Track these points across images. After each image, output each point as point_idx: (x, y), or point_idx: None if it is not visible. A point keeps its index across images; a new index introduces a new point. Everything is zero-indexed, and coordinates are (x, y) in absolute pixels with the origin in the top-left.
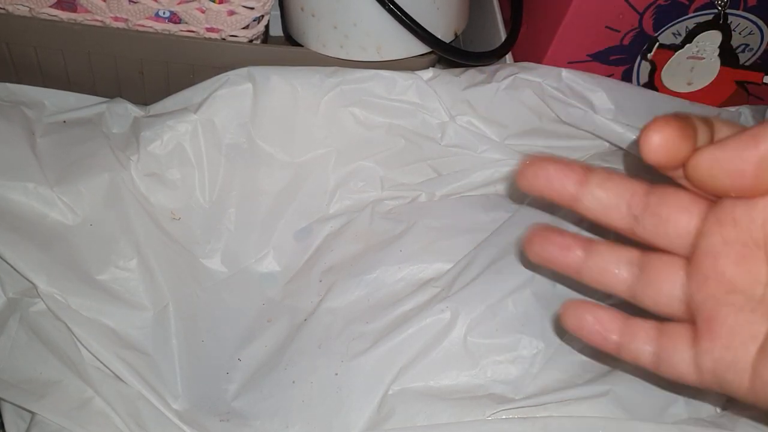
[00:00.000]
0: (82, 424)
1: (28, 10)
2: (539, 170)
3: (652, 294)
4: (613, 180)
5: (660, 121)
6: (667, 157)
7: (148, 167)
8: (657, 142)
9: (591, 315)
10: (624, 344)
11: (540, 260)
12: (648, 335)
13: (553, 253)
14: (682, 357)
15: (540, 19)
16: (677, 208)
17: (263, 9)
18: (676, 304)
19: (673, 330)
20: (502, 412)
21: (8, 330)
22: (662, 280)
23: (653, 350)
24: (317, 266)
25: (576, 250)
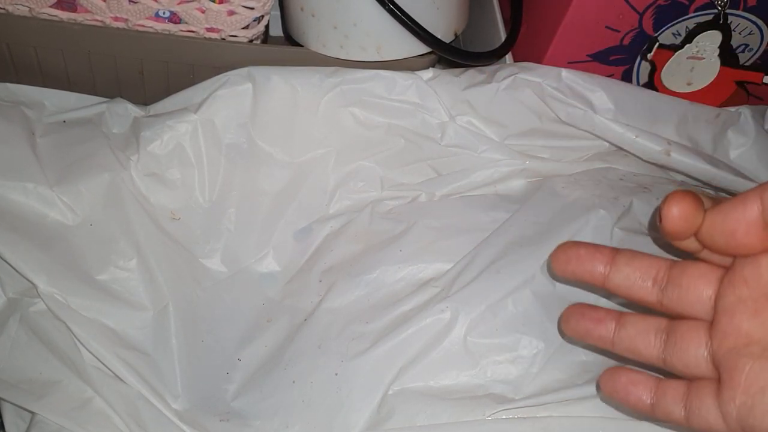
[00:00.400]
0: (82, 424)
1: (28, 10)
2: (571, 255)
3: (681, 357)
4: (639, 258)
5: (677, 195)
6: (685, 225)
7: (148, 167)
8: (675, 213)
9: (625, 378)
10: (656, 404)
11: (576, 335)
12: (678, 393)
13: (588, 327)
14: (710, 410)
15: (540, 19)
16: (696, 277)
17: (263, 9)
18: (703, 365)
19: (700, 386)
20: (502, 412)
21: (8, 330)
22: (688, 343)
23: (683, 407)
24: (317, 266)
25: (609, 323)
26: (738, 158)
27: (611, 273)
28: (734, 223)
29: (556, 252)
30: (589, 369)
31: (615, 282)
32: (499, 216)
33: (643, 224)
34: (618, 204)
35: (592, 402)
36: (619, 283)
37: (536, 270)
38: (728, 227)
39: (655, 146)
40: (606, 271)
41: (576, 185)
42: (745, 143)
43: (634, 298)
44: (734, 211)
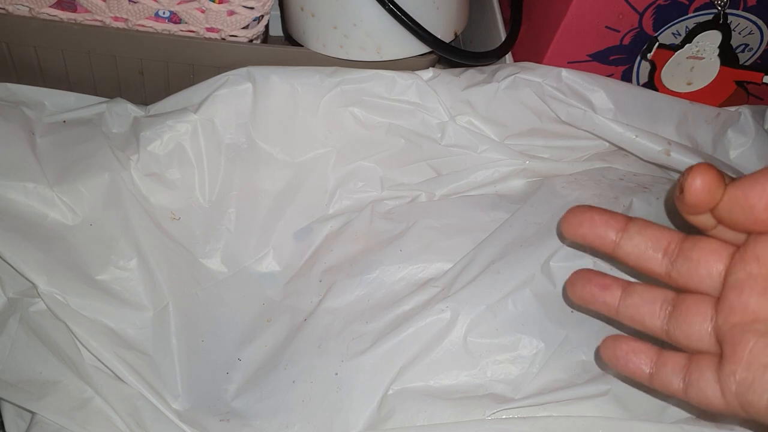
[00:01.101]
0: (82, 424)
1: (28, 10)
2: (584, 218)
3: (685, 329)
4: (652, 228)
5: (701, 167)
6: (706, 197)
7: (148, 167)
8: (698, 184)
9: (626, 346)
10: (656, 374)
11: (581, 300)
12: (678, 364)
13: (594, 293)
14: (708, 383)
15: (540, 19)
16: (707, 252)
17: (263, 9)
18: (706, 339)
19: (701, 359)
20: (502, 411)
21: (8, 330)
22: (694, 316)
23: (682, 378)
24: (317, 266)
25: (615, 290)
26: (738, 158)
27: (622, 240)
28: (754, 198)
29: (568, 214)
30: (589, 369)
31: (625, 250)
32: (499, 216)
33: None
34: (618, 204)
35: (592, 402)
36: (630, 251)
37: (536, 270)
38: (748, 202)
39: (654, 146)
40: (617, 239)
41: (576, 185)
42: (744, 143)
43: (643, 268)
44: (755, 186)
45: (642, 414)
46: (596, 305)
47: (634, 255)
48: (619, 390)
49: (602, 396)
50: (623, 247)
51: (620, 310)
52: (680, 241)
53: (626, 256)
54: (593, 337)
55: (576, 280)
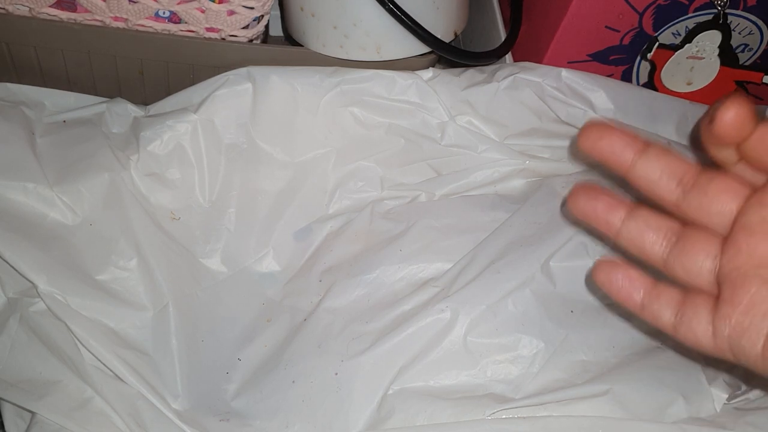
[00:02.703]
0: (82, 424)
1: (28, 10)
2: (603, 134)
3: (685, 262)
4: (670, 155)
5: (736, 98)
6: (736, 130)
7: (148, 167)
8: (731, 116)
9: (621, 272)
10: (647, 304)
11: (582, 215)
12: (671, 298)
13: (598, 209)
14: (700, 322)
15: (540, 19)
16: (724, 189)
17: (263, 9)
18: (705, 276)
19: (697, 297)
20: (502, 411)
21: (8, 330)
22: (697, 251)
23: (674, 313)
24: (317, 266)
25: (620, 210)
26: None
27: (638, 162)
28: None
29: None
30: (589, 369)
31: (639, 173)
32: (499, 216)
33: None
34: None
35: (592, 402)
36: (643, 175)
37: (536, 270)
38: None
39: None
40: (634, 160)
41: None
42: None
43: (654, 194)
44: None
45: (642, 414)
46: (598, 222)
47: (648, 179)
48: (619, 390)
49: (602, 396)
50: (637, 170)
51: (622, 231)
52: (697, 174)
53: (639, 179)
54: (593, 337)
55: (580, 193)
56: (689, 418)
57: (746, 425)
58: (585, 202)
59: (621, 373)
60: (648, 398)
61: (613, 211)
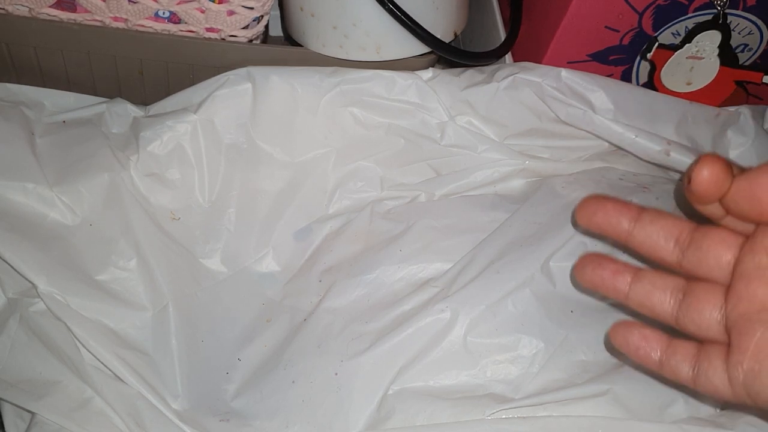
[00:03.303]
0: (82, 424)
1: (28, 10)
2: (598, 207)
3: (695, 317)
4: (664, 218)
5: (708, 157)
6: (713, 187)
7: (147, 167)
8: (706, 175)
9: (637, 333)
10: (665, 361)
11: (590, 284)
12: (687, 353)
13: (605, 277)
14: (716, 372)
15: (540, 19)
16: (717, 241)
17: (263, 9)
18: (715, 328)
19: (710, 348)
20: (502, 411)
21: (8, 330)
22: (703, 304)
23: (692, 367)
24: (317, 266)
25: (625, 275)
26: (738, 158)
27: (635, 230)
28: (761, 190)
29: (584, 203)
30: (589, 369)
31: (638, 239)
32: (499, 216)
33: None
34: None
35: (592, 402)
36: (642, 240)
37: (536, 270)
38: (755, 194)
39: (654, 146)
40: (630, 228)
41: (576, 185)
42: (744, 143)
43: (655, 257)
44: (761, 178)
45: (642, 414)
46: (606, 290)
47: (647, 244)
48: (619, 390)
49: (602, 396)
50: (636, 237)
51: (630, 295)
52: (691, 231)
53: (639, 245)
54: (593, 337)
55: (586, 264)
56: (689, 418)
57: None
58: (591, 272)
59: (621, 373)
60: (648, 398)
61: (619, 277)
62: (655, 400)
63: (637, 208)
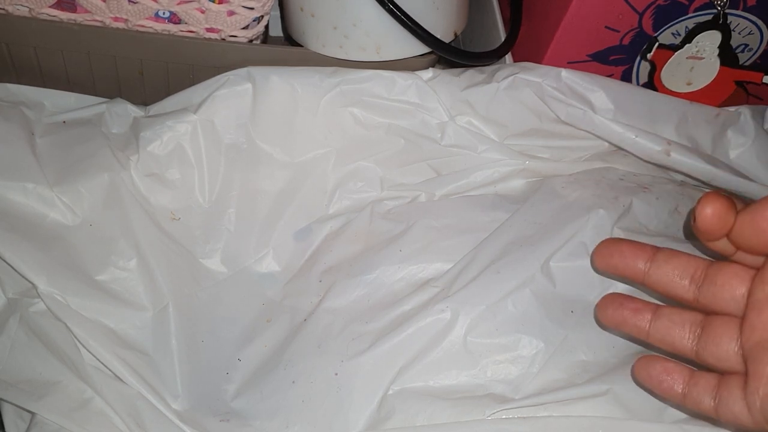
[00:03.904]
0: (82, 424)
1: (28, 10)
2: (614, 250)
3: (713, 350)
4: (678, 257)
5: (710, 196)
6: (718, 224)
7: (147, 167)
8: (709, 212)
9: (660, 367)
10: (688, 393)
11: (612, 323)
12: (709, 384)
13: (626, 316)
14: (736, 402)
15: (540, 19)
16: (730, 276)
17: (263, 9)
18: (733, 359)
19: (729, 379)
20: (502, 411)
21: (8, 330)
22: (721, 337)
23: (713, 398)
24: (317, 266)
25: (646, 314)
26: (737, 158)
27: (651, 270)
28: (764, 223)
29: (600, 247)
30: (589, 369)
31: (654, 279)
32: (499, 216)
33: (642, 224)
34: (618, 204)
35: (592, 402)
36: (659, 280)
37: (536, 270)
38: (758, 226)
39: (654, 146)
40: (646, 268)
41: (576, 185)
42: (744, 143)
43: (672, 294)
44: (764, 210)
45: (642, 414)
46: (628, 328)
47: (663, 282)
48: (619, 390)
49: (602, 396)
50: (652, 276)
51: (651, 332)
52: (705, 267)
53: (656, 284)
54: (593, 337)
55: (607, 305)
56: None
57: None
58: (613, 312)
59: (621, 373)
60: (648, 398)
61: (640, 315)
62: (655, 400)
63: (651, 249)
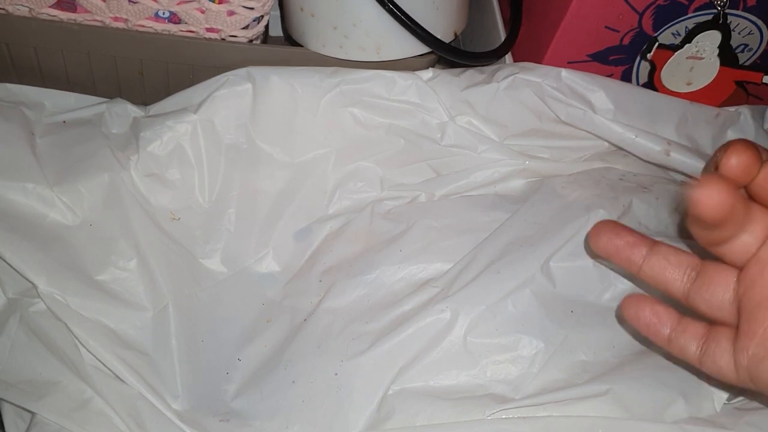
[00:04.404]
0: (82, 424)
1: (28, 10)
2: (613, 237)
3: (707, 297)
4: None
5: (738, 144)
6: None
7: (147, 168)
8: (734, 162)
9: (649, 308)
10: (674, 338)
11: (604, 252)
12: (697, 332)
13: (620, 246)
14: (723, 355)
15: (540, 19)
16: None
17: (263, 9)
18: (726, 308)
19: (719, 330)
20: (502, 412)
21: (8, 330)
22: (716, 285)
23: (699, 346)
24: (317, 266)
25: (641, 248)
26: None
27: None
28: None
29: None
30: (589, 369)
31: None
32: (499, 216)
33: (642, 224)
34: (618, 204)
35: (592, 402)
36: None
37: (536, 270)
38: None
39: (654, 146)
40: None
41: (576, 185)
42: None
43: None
44: None
45: (642, 414)
46: (619, 260)
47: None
48: (619, 390)
49: (602, 396)
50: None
51: (644, 268)
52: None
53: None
54: (593, 337)
55: (601, 232)
56: (689, 418)
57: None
58: (606, 241)
59: (621, 373)
60: (648, 398)
61: (636, 249)
62: (655, 400)
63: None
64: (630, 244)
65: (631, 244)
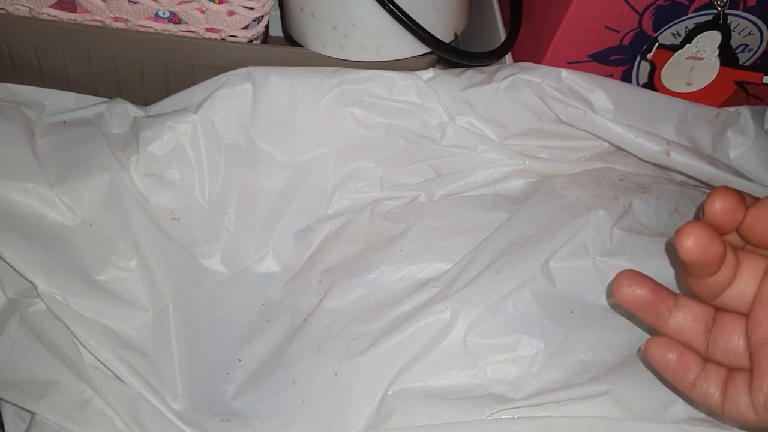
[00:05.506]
0: (82, 424)
1: (28, 10)
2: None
3: (721, 345)
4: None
5: (720, 190)
6: (728, 218)
7: (147, 167)
8: (718, 207)
9: (677, 354)
10: (698, 385)
11: (628, 302)
12: (719, 378)
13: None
14: (741, 397)
15: (540, 20)
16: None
17: (263, 9)
18: (741, 354)
19: (736, 375)
20: (502, 412)
21: (8, 330)
22: (730, 333)
23: (721, 393)
24: (317, 266)
25: (669, 302)
26: (737, 158)
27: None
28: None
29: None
30: (589, 369)
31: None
32: (499, 216)
33: (642, 224)
34: (618, 204)
35: (592, 402)
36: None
37: (536, 270)
38: None
39: (654, 146)
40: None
41: (576, 185)
42: (744, 143)
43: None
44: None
45: (642, 414)
46: (644, 312)
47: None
48: (619, 390)
49: (602, 396)
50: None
51: (669, 323)
52: None
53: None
54: (593, 337)
55: (625, 281)
56: (689, 418)
57: None
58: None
59: (621, 373)
60: (648, 398)
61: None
62: (655, 400)
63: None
64: (659, 298)
65: (660, 298)
